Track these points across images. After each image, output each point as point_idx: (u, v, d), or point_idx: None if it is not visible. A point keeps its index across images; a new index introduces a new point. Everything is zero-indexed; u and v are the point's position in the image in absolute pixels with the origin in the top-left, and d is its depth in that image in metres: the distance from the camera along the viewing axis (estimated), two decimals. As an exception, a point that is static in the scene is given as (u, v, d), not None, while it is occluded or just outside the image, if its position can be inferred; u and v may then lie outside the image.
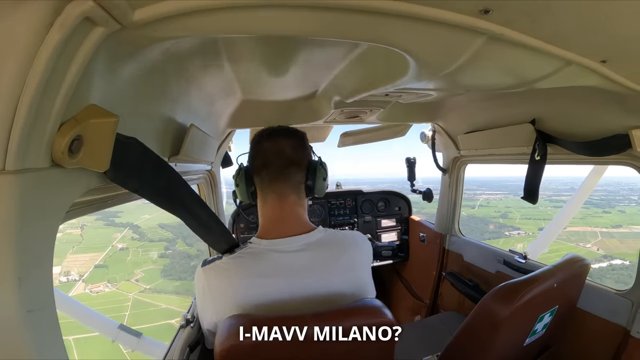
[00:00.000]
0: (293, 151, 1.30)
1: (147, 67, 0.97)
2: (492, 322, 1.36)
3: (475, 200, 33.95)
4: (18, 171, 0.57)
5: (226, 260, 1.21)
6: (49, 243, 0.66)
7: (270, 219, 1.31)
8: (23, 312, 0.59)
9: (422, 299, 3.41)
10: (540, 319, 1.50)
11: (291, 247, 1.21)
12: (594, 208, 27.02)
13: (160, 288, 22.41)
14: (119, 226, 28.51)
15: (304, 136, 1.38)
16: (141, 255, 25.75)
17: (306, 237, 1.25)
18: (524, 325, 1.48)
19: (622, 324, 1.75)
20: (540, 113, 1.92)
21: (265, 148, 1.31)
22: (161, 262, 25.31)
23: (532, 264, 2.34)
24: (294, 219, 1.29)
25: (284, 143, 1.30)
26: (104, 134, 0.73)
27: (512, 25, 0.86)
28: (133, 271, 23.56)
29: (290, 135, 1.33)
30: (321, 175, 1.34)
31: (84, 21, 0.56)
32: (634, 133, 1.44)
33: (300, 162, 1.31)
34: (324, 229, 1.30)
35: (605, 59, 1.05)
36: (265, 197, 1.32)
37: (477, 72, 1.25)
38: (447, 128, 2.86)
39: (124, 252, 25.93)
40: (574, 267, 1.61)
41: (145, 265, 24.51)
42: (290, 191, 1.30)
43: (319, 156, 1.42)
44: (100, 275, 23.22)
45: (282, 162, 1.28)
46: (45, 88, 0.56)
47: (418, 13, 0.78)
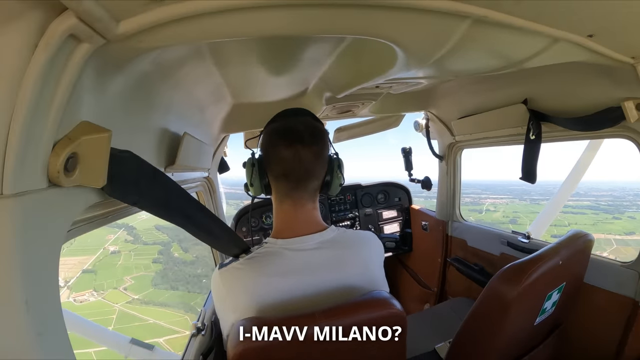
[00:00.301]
0: (314, 162, 1.24)
1: (136, 78, 0.97)
2: (501, 304, 1.36)
3: (481, 205, 33.55)
4: (16, 195, 0.57)
5: (242, 261, 1.21)
6: (53, 264, 0.66)
7: (286, 220, 1.30)
8: (33, 336, 0.59)
9: (430, 287, 3.42)
10: (548, 297, 1.50)
11: (306, 245, 1.22)
12: (603, 214, 26.68)
13: (149, 299, 21.28)
14: (114, 227, 27.63)
15: (324, 137, 1.29)
16: (133, 259, 24.69)
17: (320, 235, 1.25)
18: (533, 304, 1.48)
19: (630, 295, 1.76)
20: (531, 92, 1.93)
21: (284, 156, 1.21)
22: (154, 268, 24.25)
23: (536, 242, 2.35)
24: (309, 220, 1.30)
25: (305, 153, 1.21)
26: (98, 149, 0.72)
27: (495, 7, 0.86)
28: (122, 278, 22.54)
29: (311, 142, 1.22)
30: (338, 181, 1.34)
31: (68, 38, 0.55)
32: (626, 104, 1.44)
33: (319, 173, 1.28)
34: (337, 228, 1.31)
35: (592, 33, 1.05)
36: (282, 202, 1.31)
37: (465, 56, 1.25)
38: (440, 115, 2.86)
39: (115, 255, 24.95)
40: (578, 242, 1.61)
41: (136, 271, 23.51)
42: (307, 200, 1.29)
43: (336, 152, 1.38)
44: (87, 282, 22.04)
45: (302, 173, 1.24)
46: (35, 109, 0.55)
47: (401, 3, 0.78)
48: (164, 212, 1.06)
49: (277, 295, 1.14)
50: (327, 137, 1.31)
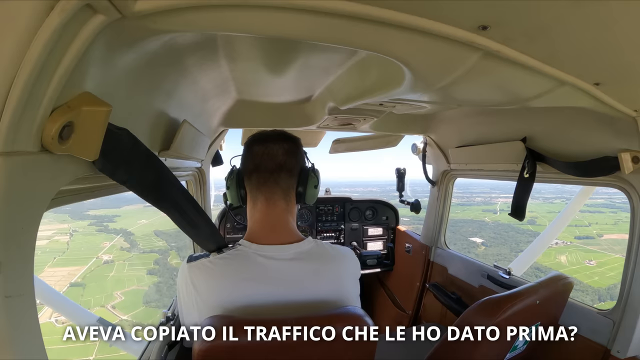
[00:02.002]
0: (285, 156, 1.29)
1: (144, 59, 0.97)
2: (474, 336, 1.36)
3: (494, 204, 32.45)
4: (7, 153, 0.56)
5: (213, 259, 1.20)
6: (32, 229, 0.65)
7: (260, 222, 1.30)
8: (1, 297, 0.58)
9: (405, 310, 3.41)
10: (522, 335, 1.51)
11: (282, 255, 1.21)
12: (621, 212, 25.59)
13: (138, 320, 17.31)
14: (111, 232, 26.06)
15: (298, 142, 1.37)
16: (126, 270, 22.65)
17: (296, 246, 1.25)
18: (505, 340, 1.48)
19: (602, 343, 1.77)
20: (531, 131, 1.95)
21: (257, 151, 1.30)
22: (148, 281, 22.18)
23: (516, 279, 2.36)
24: (283, 226, 1.29)
25: (277, 147, 1.29)
26: (96, 122, 0.72)
27: (509, 43, 0.88)
28: (112, 293, 20.35)
29: (283, 140, 1.32)
30: (313, 183, 1.35)
31: (84, 7, 0.55)
32: (623, 156, 1.47)
33: (291, 167, 1.31)
34: (314, 240, 1.30)
35: (599, 81, 1.08)
36: (255, 201, 1.31)
37: (472, 87, 1.27)
38: (439, 141, 2.89)
39: (108, 265, 22.76)
40: (558, 284, 1.63)
41: (129, 285, 21.33)
42: (280, 196, 1.29)
43: (313, 163, 1.42)
44: (73, 298, 18.74)
45: (273, 166, 1.28)
46: (40, 72, 0.55)
47: (418, 25, 0.79)
48: (152, 195, 1.05)
49: (244, 300, 1.12)
50: (301, 145, 1.39)
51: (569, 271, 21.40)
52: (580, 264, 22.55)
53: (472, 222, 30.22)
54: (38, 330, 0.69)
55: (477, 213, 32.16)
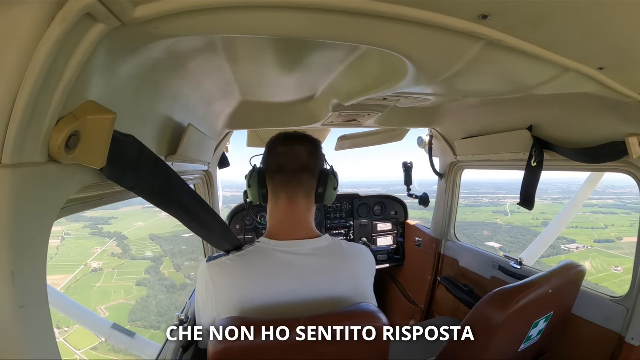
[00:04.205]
0: (308, 157, 1.31)
1: (147, 64, 0.97)
2: (487, 328, 1.36)
3: (503, 206, 31.78)
4: (14, 165, 0.57)
5: (233, 257, 1.21)
6: (43, 238, 0.66)
7: (281, 220, 1.31)
8: (15, 307, 0.58)
9: (417, 304, 3.40)
10: (535, 325, 1.50)
11: (300, 250, 1.23)
12: (635, 214, 25.42)
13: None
14: (105, 236, 24.77)
15: (318, 144, 1.39)
16: (115, 280, 20.88)
17: (314, 242, 1.26)
18: (519, 331, 1.48)
19: (616, 331, 1.75)
20: (537, 119, 1.93)
21: (280, 152, 1.32)
22: (136, 294, 20.19)
23: (528, 270, 2.34)
24: (304, 224, 1.31)
25: (300, 148, 1.31)
26: (102, 130, 0.72)
27: (511, 32, 0.87)
28: (96, 308, 18.42)
29: (306, 142, 1.34)
30: (332, 185, 1.36)
31: (85, 17, 0.56)
32: (630, 140, 1.45)
33: (313, 169, 1.32)
34: (331, 237, 1.32)
35: (603, 66, 1.06)
36: (277, 200, 1.32)
37: (475, 77, 1.26)
38: (445, 133, 2.87)
39: (95, 274, 21.15)
40: (570, 273, 1.61)
41: (115, 298, 19.56)
42: (302, 196, 1.31)
43: (332, 165, 1.43)
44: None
45: (297, 167, 1.29)
46: (44, 82, 0.55)
47: (417, 17, 0.78)
48: (161, 200, 1.06)
49: (263, 295, 1.14)
50: (321, 147, 1.40)
51: (598, 279, 20.81)
52: (607, 271, 22.01)
53: (485, 225, 29.66)
54: (53, 339, 0.70)
55: (487, 215, 31.44)
